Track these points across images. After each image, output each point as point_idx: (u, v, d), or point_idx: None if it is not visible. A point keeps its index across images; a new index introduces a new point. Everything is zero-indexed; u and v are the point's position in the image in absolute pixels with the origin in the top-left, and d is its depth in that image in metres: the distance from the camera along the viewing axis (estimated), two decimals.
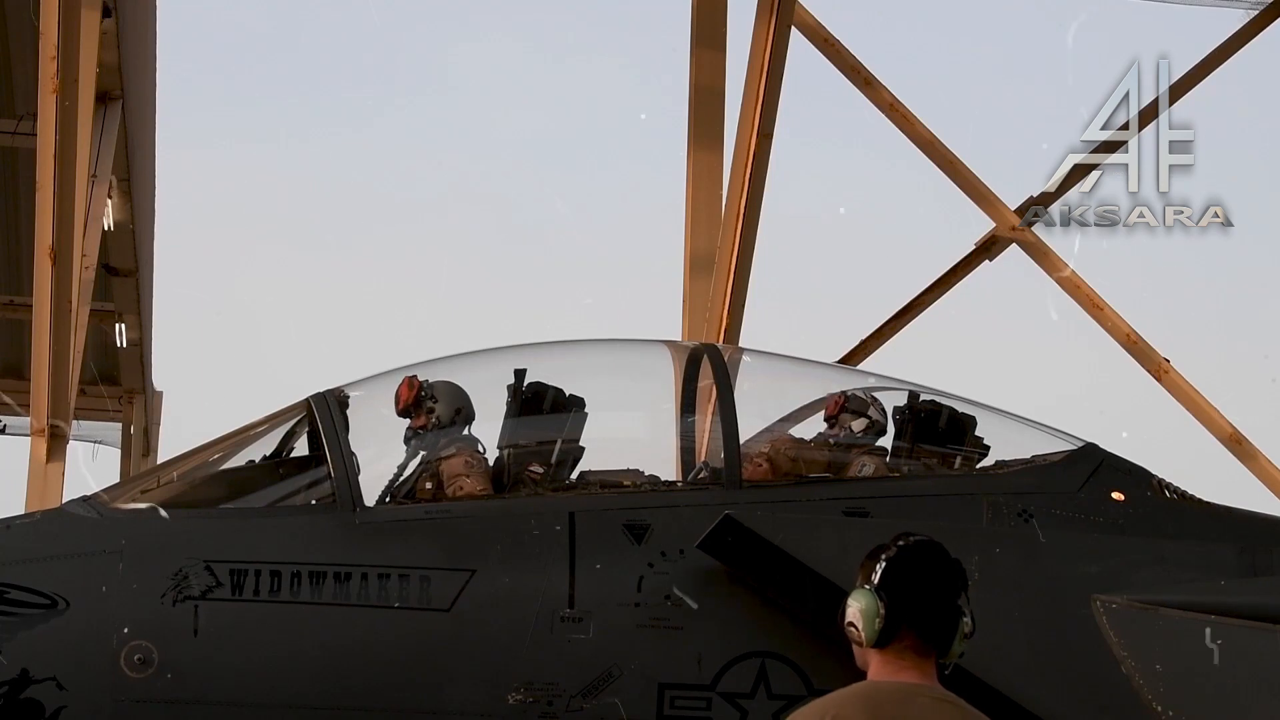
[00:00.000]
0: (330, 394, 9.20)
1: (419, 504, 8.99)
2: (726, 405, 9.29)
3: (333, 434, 9.05)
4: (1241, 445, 19.84)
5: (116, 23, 19.49)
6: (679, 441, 9.74)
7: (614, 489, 9.16)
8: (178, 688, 8.43)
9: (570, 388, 9.52)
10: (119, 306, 26.50)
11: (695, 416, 9.79)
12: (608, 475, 9.28)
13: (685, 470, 9.66)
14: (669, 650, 8.72)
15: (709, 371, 9.55)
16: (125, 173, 22.69)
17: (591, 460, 9.39)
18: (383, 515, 8.84)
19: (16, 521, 9.10)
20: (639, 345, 10.31)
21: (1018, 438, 9.75)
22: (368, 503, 8.87)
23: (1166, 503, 9.51)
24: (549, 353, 9.88)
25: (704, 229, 18.14)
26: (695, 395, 9.77)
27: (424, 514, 8.86)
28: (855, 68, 19.18)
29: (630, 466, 9.39)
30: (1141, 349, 19.78)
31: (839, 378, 10.94)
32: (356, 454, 9.01)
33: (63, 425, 17.00)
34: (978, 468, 9.62)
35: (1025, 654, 8.74)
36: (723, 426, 9.25)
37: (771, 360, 10.28)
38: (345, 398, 9.24)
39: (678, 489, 9.35)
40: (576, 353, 10.05)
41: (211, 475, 9.39)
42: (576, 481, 9.25)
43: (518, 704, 8.61)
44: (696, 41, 18.18)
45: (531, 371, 9.50)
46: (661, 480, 9.40)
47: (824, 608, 8.73)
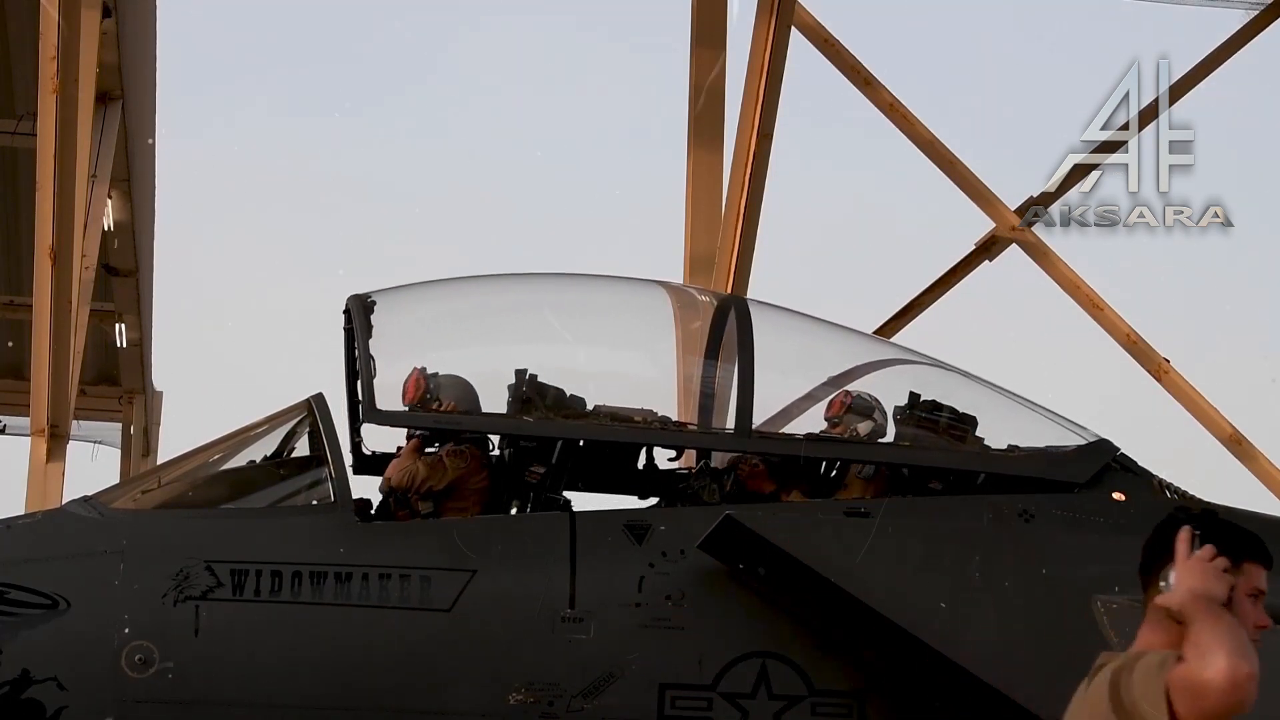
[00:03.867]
0: (356, 299, 9.24)
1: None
2: (746, 356, 9.35)
3: (333, 434, 9.06)
4: (1241, 445, 19.83)
5: (116, 23, 19.48)
6: (698, 387, 9.81)
7: (625, 423, 9.23)
8: (179, 688, 8.43)
9: (570, 324, 9.65)
10: (119, 306, 26.47)
11: (718, 365, 9.82)
12: (620, 411, 9.33)
13: (701, 416, 9.72)
14: (670, 650, 8.72)
15: (734, 322, 9.62)
16: (125, 173, 22.68)
17: (593, 396, 9.42)
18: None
19: (17, 521, 9.10)
20: (637, 284, 10.38)
21: (1034, 427, 9.75)
22: (380, 404, 8.92)
23: (1167, 503, 9.51)
24: (553, 285, 9.96)
25: (704, 229, 18.14)
26: (720, 344, 9.79)
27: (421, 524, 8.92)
28: (855, 68, 19.17)
29: (627, 404, 9.44)
30: (1141, 349, 19.78)
31: (871, 348, 10.83)
32: (375, 358, 9.04)
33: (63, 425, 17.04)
34: (991, 448, 9.60)
35: (1026, 654, 8.74)
36: (739, 375, 9.30)
37: (801, 321, 10.23)
38: (372, 303, 9.28)
39: (687, 430, 9.39)
40: (578, 288, 10.10)
41: (212, 475, 9.39)
42: (590, 412, 9.29)
43: (518, 704, 8.61)
44: (696, 41, 18.17)
45: (533, 302, 9.67)
46: (672, 420, 9.45)
47: (824, 608, 8.76)
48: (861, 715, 8.74)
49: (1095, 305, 19.70)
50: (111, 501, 9.01)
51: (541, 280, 10.06)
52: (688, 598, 8.77)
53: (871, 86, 19.23)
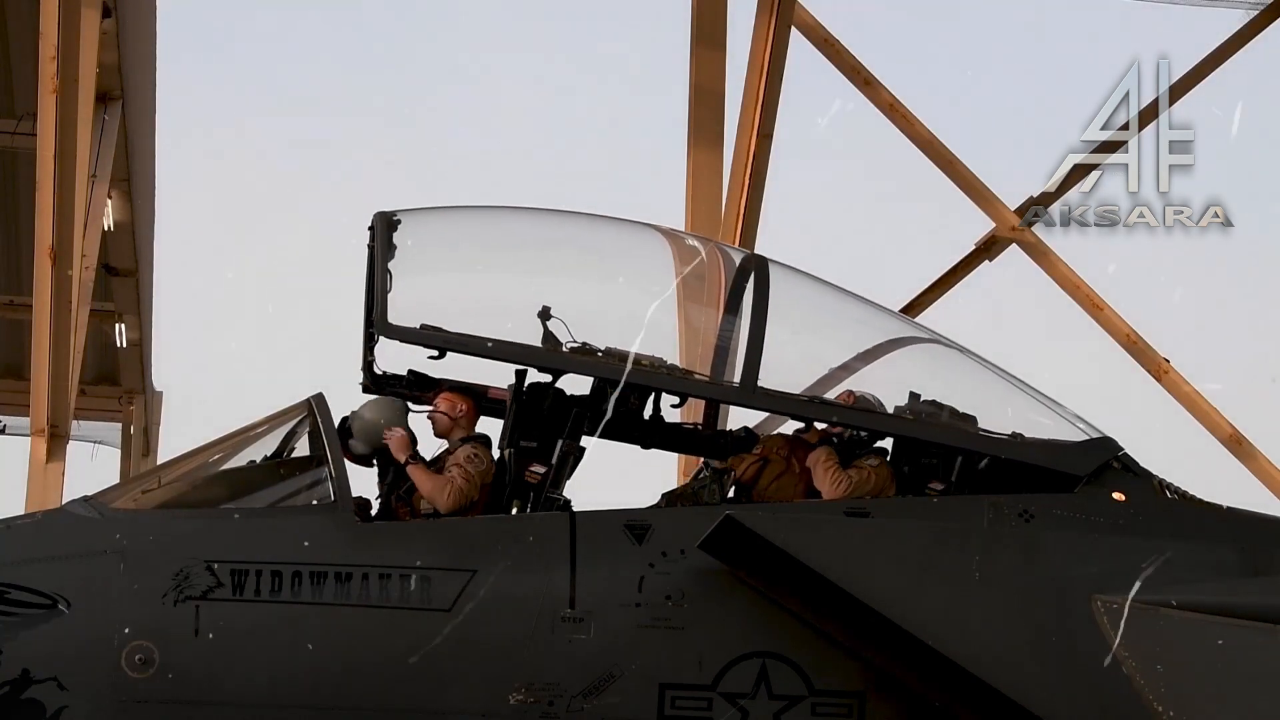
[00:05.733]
0: (382, 216, 9.25)
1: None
2: (759, 315, 9.37)
3: (333, 434, 9.06)
4: (1241, 445, 19.84)
5: (116, 23, 19.48)
6: (710, 340, 9.82)
7: (638, 367, 9.23)
8: (179, 688, 8.44)
9: (587, 264, 9.69)
10: (119, 306, 26.46)
11: (736, 321, 9.81)
12: (630, 354, 9.29)
13: (714, 369, 9.74)
14: (670, 650, 8.73)
15: (753, 281, 9.61)
16: (125, 173, 22.68)
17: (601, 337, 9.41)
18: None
19: (17, 521, 9.10)
20: (672, 235, 10.41)
21: (1042, 418, 9.74)
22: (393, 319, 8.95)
23: (1167, 503, 9.52)
24: (582, 225, 9.98)
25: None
26: (740, 302, 9.78)
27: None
28: (855, 68, 19.17)
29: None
30: (1141, 349, 19.78)
31: (892, 325, 10.77)
32: (392, 274, 9.06)
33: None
34: (994, 434, 9.59)
35: (1026, 654, 8.74)
36: (750, 332, 9.33)
37: (821, 288, 10.19)
38: (397, 221, 9.27)
39: (694, 378, 9.44)
40: (607, 230, 10.11)
41: (212, 475, 9.39)
42: (604, 350, 9.25)
43: (519, 704, 8.62)
44: (696, 41, 18.17)
45: (557, 238, 9.73)
46: (680, 367, 9.46)
47: (824, 608, 8.76)
48: (861, 715, 8.74)
49: (1095, 305, 19.70)
50: (111, 501, 9.01)
51: (571, 218, 10.00)
52: (688, 598, 8.78)
53: (871, 86, 19.23)
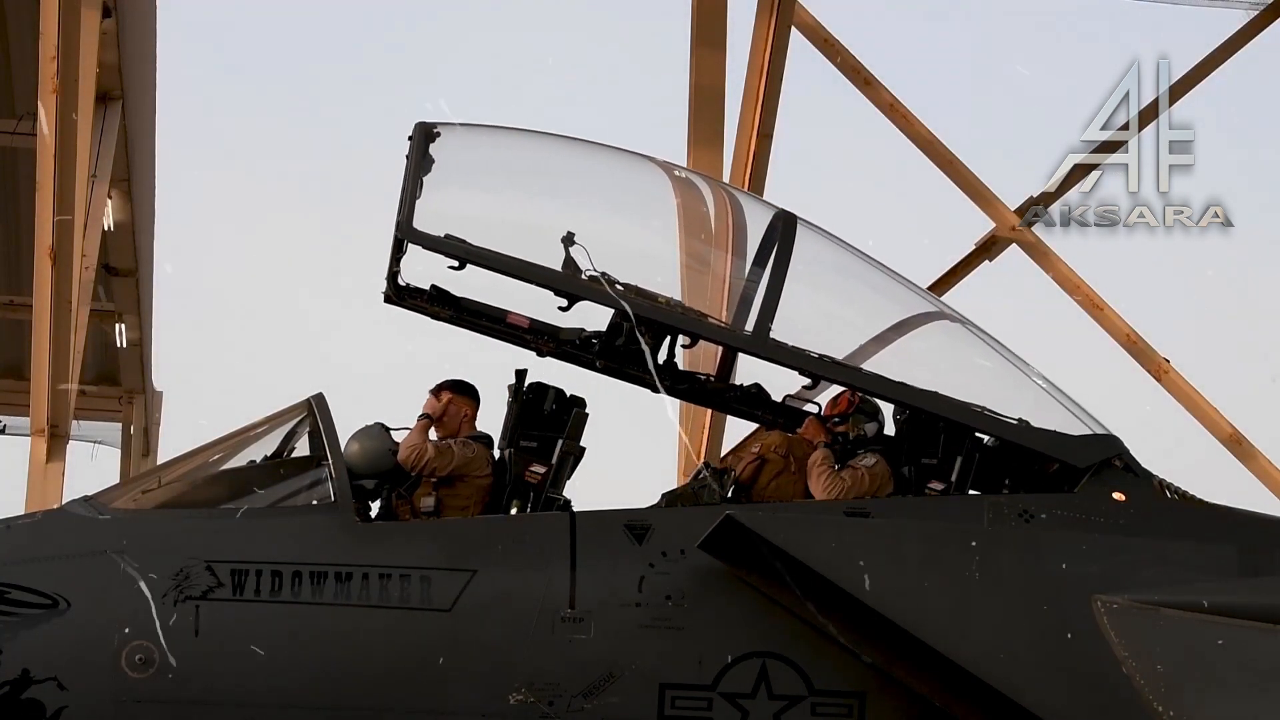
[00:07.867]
0: (422, 126, 9.18)
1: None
2: (780, 268, 9.38)
3: (333, 434, 9.07)
4: (1241, 445, 19.85)
5: (116, 23, 19.50)
6: (738, 290, 9.80)
7: (654, 303, 9.21)
8: (179, 688, 8.44)
9: (616, 202, 9.70)
10: (119, 306, 26.48)
11: (761, 274, 9.77)
12: (647, 290, 9.27)
13: (732, 316, 9.68)
14: (670, 650, 8.73)
15: (780, 235, 9.60)
16: (125, 173, 22.69)
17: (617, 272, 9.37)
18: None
19: (17, 521, 9.10)
20: (708, 182, 10.40)
21: (1049, 408, 9.72)
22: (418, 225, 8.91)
23: (1167, 503, 9.52)
24: (622, 162, 9.95)
25: None
26: (769, 255, 9.75)
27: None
28: (855, 68, 19.18)
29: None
30: (1141, 349, 19.79)
31: (915, 301, 10.73)
32: (423, 184, 9.04)
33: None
34: (1000, 416, 9.58)
35: (1026, 654, 8.74)
36: (769, 282, 9.34)
37: (853, 257, 10.16)
38: (436, 133, 9.22)
39: (708, 320, 9.41)
40: (645, 173, 10.08)
41: (212, 475, 9.40)
42: (623, 284, 9.20)
43: (519, 704, 8.62)
44: (696, 41, 18.17)
45: (591, 170, 9.73)
46: (695, 309, 9.43)
47: (824, 608, 8.76)
48: (861, 715, 8.75)
49: (1095, 305, 19.70)
50: (111, 501, 9.02)
51: (615, 154, 9.88)
52: (688, 598, 8.78)
53: (871, 86, 19.24)
